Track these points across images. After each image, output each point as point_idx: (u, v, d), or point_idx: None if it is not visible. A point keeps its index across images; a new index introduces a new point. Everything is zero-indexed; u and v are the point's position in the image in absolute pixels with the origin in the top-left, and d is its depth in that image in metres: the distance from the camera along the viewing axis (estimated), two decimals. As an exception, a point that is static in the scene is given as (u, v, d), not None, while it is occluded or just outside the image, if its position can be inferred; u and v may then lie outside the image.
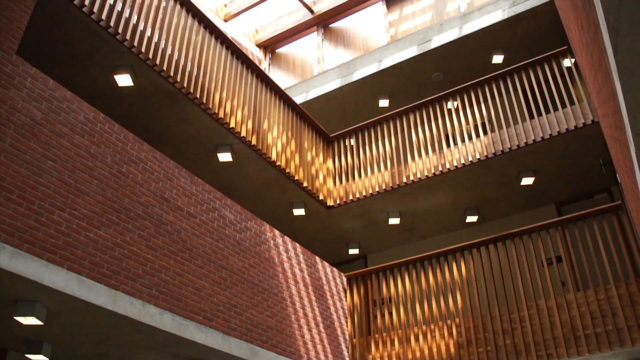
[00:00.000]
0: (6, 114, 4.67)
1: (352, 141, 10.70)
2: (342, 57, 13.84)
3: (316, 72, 13.88)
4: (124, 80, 7.35)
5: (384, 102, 12.12)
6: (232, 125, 8.32)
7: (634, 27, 2.25)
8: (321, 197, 10.03)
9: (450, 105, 9.82)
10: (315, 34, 14.51)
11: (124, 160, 5.74)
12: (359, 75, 11.80)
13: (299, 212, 10.15)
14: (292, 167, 9.48)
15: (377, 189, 9.79)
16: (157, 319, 5.51)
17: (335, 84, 12.08)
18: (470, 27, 10.69)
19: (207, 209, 6.68)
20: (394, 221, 10.36)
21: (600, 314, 6.85)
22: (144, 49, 7.12)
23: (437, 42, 10.99)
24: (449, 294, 8.13)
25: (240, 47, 9.32)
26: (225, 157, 8.75)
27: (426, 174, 9.39)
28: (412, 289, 8.63)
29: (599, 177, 9.40)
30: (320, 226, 10.87)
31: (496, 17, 10.46)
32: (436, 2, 12.78)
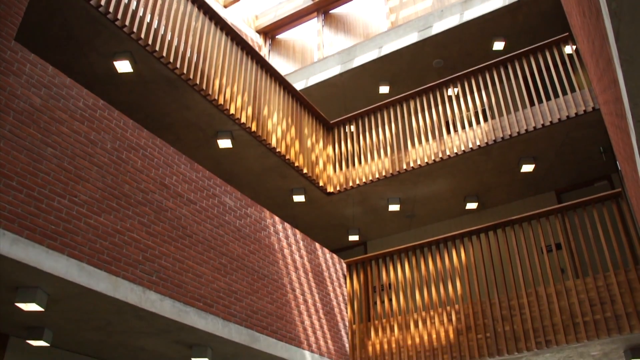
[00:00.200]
0: (5, 100, 4.65)
1: (352, 128, 10.68)
2: (342, 43, 13.78)
3: (316, 59, 13.83)
4: (123, 66, 7.33)
5: (384, 89, 12.08)
6: (232, 111, 8.30)
7: (636, 13, 2.23)
8: (321, 184, 10.03)
9: (450, 91, 9.79)
10: (315, 20, 14.45)
11: (123, 146, 5.73)
12: (359, 61, 11.76)
13: (299, 198, 10.15)
14: (292, 153, 9.47)
15: (377, 176, 9.78)
16: (157, 305, 5.53)
17: (335, 71, 12.04)
18: (471, 14, 10.63)
19: (207, 196, 6.68)
20: (393, 208, 10.37)
21: (599, 301, 6.87)
22: (143, 35, 7.09)
23: (437, 28, 10.94)
24: (448, 280, 8.15)
25: (240, 33, 9.28)
26: (225, 143, 8.74)
27: (426, 160, 9.38)
28: (412, 276, 8.65)
29: (599, 165, 9.39)
30: (320, 213, 10.88)
31: (497, 3, 10.41)
32: (437, -12, 12.71)
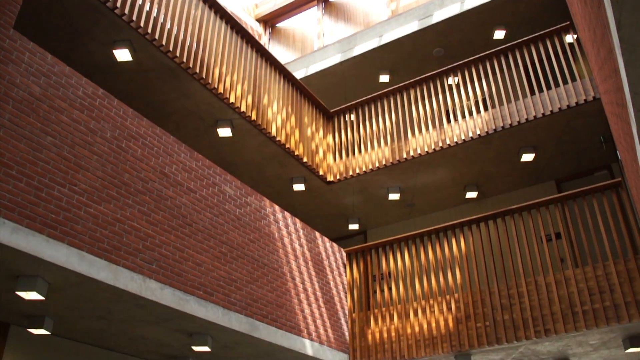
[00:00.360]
0: (4, 89, 4.64)
1: (352, 116, 10.67)
2: (342, 32, 13.73)
3: (316, 47, 13.79)
4: (122, 55, 7.30)
5: (385, 78, 12.06)
6: (232, 100, 8.29)
7: (637, 1, 2.22)
8: (321, 173, 10.03)
9: (451, 80, 9.77)
10: (315, 8, 14.38)
11: (123, 135, 5.72)
12: (359, 50, 11.73)
13: (299, 187, 10.16)
14: (292, 142, 9.46)
15: (377, 165, 9.78)
16: (157, 293, 5.54)
17: (335, 59, 12.01)
18: (471, 2, 10.58)
19: (207, 184, 6.68)
20: (393, 197, 10.37)
21: (598, 290, 6.89)
22: (142, 24, 7.06)
23: (438, 17, 10.89)
24: (448, 269, 8.17)
25: (239, 22, 9.24)
26: (225, 132, 8.73)
27: (426, 149, 9.38)
28: (412, 264, 8.66)
29: (599, 154, 9.39)
30: (320, 201, 10.89)
31: (498, -9, 10.36)
32: (438, -24, 12.64)
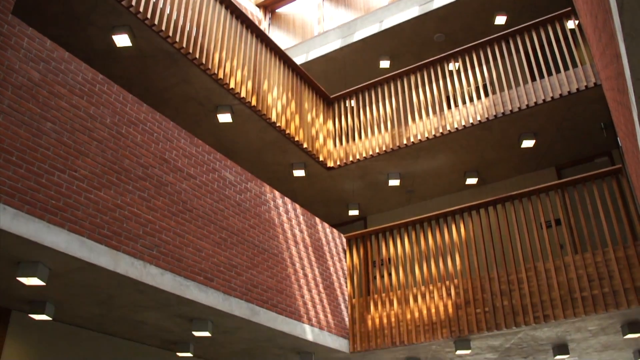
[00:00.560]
0: (3, 75, 4.63)
1: (352, 102, 10.65)
2: (342, 17, 13.67)
3: (316, 33, 13.73)
4: (122, 40, 7.26)
5: (385, 63, 12.01)
6: (232, 85, 8.26)
7: (640, -13, 2.21)
8: (321, 159, 10.02)
9: (451, 66, 9.74)
10: (315, -7, 14.31)
11: (123, 121, 5.71)
12: (359, 35, 11.67)
13: (299, 173, 10.15)
14: (292, 128, 9.45)
15: (377, 151, 9.78)
16: (158, 279, 5.56)
17: (335, 45, 11.96)
18: (473, -13, 10.53)
19: (207, 170, 6.68)
20: (393, 183, 10.38)
21: (597, 277, 6.91)
22: (142, 9, 7.01)
23: (439, 2, 10.83)
24: (448, 255, 8.19)
25: (239, 7, 9.19)
26: (225, 118, 8.71)
27: (427, 135, 9.37)
28: (412, 250, 8.68)
29: (600, 141, 9.38)
30: (320, 187, 10.89)
31: (500, -24, 10.30)
32: (439, -40, 12.55)
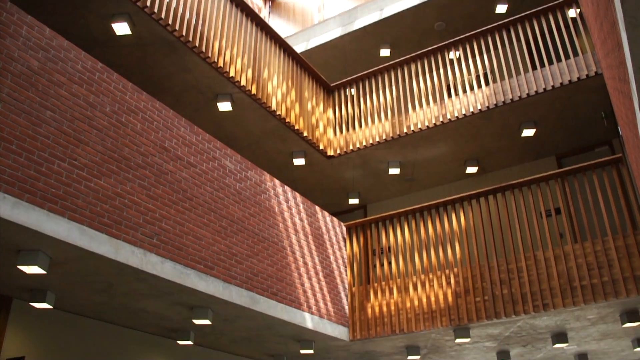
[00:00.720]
0: (2, 63, 4.61)
1: (352, 91, 10.62)
2: (343, 5, 13.61)
3: (317, 21, 13.68)
4: (121, 28, 7.23)
5: (385, 52, 11.97)
6: (232, 74, 8.24)
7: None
8: (321, 147, 10.01)
9: (452, 55, 9.71)
10: (316, -20, 14.23)
11: (123, 109, 5.70)
12: (360, 24, 11.62)
13: (299, 161, 10.15)
14: (292, 116, 9.43)
15: (377, 139, 9.77)
16: (158, 267, 5.57)
17: (336, 33, 11.91)
18: (474, -25, 10.47)
19: (207, 159, 6.67)
20: (394, 171, 10.37)
21: (596, 266, 6.92)
22: (141, -4, 6.99)
23: (440, -11, 10.79)
24: (447, 244, 8.20)
25: (239, -6, 9.13)
26: (225, 106, 8.70)
27: (427, 124, 9.35)
28: (412, 239, 8.70)
29: (600, 130, 9.37)
30: (320, 176, 10.89)
31: (501, -36, 10.24)
32: (440, -52, 12.48)
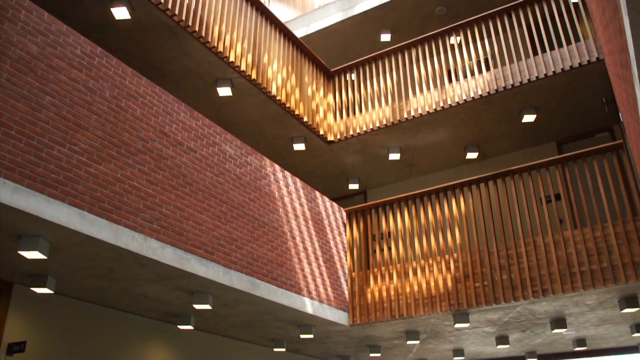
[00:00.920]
0: (1, 48, 4.59)
1: (353, 76, 10.59)
2: (343, -11, 13.51)
3: (317, 5, 13.58)
4: (120, 13, 7.19)
5: (386, 37, 11.92)
6: (232, 59, 8.21)
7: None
8: (321, 132, 10.00)
9: (453, 40, 9.66)
10: (316, -36, 14.12)
11: (122, 94, 5.68)
12: (360, 8, 11.56)
13: (299, 147, 10.14)
14: (293, 101, 9.41)
15: (377, 125, 9.75)
16: (158, 252, 5.58)
17: (336, 18, 11.85)
18: (476, -41, 10.39)
19: (207, 144, 6.66)
20: (394, 157, 10.37)
21: (596, 252, 6.94)
22: (140, -20, 6.94)
23: (441, -26, 10.72)
24: (447, 229, 8.21)
25: (239, -22, 9.08)
26: (224, 91, 8.67)
27: (427, 109, 9.33)
28: (411, 224, 8.71)
29: (601, 116, 9.35)
30: (320, 161, 10.89)
31: (503, -52, 10.16)
32: None
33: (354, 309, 8.44)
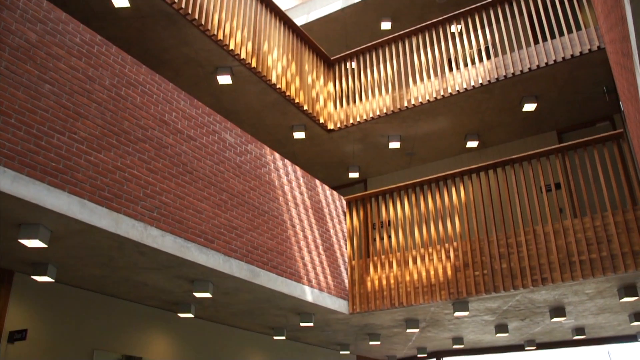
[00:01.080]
0: (0, 35, 4.57)
1: (353, 64, 10.56)
2: (344, -24, 13.45)
3: (317, -8, 13.52)
4: (120, 1, 7.15)
5: (387, 25, 11.87)
6: (232, 47, 8.18)
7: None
8: (322, 121, 9.98)
9: (454, 28, 9.62)
10: (316, -49, 14.03)
11: (122, 83, 5.67)
12: (361, -4, 11.52)
13: (300, 135, 10.13)
14: (293, 90, 9.39)
15: (378, 113, 9.73)
16: (158, 241, 5.59)
17: (337, 5, 11.80)
18: (477, -54, 10.33)
19: (207, 132, 6.66)
20: (394, 145, 10.36)
21: (595, 241, 6.95)
22: (140, -33, 6.90)
23: (442, -39, 10.66)
24: (447, 218, 8.22)
25: (239, -34, 9.02)
26: (224, 79, 8.65)
27: (428, 98, 9.31)
28: (411, 213, 8.72)
29: (602, 105, 9.33)
30: (320, 149, 10.88)
31: None
32: None
33: (354, 297, 8.46)
